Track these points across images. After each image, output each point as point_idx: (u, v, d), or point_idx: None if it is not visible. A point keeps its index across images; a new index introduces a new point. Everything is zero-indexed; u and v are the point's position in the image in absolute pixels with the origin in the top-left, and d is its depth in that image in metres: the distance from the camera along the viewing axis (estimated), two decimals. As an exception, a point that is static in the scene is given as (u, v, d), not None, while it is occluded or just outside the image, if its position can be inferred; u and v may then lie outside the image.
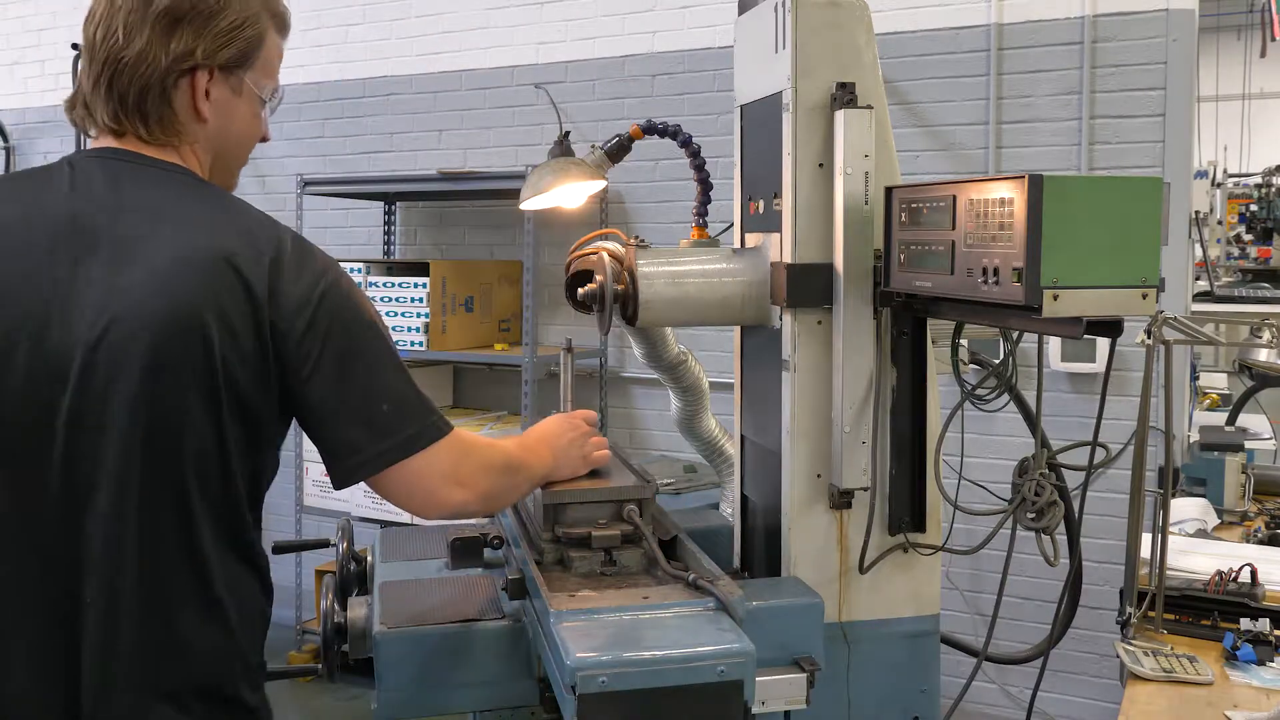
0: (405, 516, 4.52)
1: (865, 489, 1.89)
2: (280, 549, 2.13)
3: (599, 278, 2.01)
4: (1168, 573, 2.44)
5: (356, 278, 4.66)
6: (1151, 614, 2.42)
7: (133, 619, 1.41)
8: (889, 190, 1.84)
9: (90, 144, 1.55)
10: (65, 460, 1.39)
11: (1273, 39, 6.37)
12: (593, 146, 2.36)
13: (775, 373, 1.97)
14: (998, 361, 1.95)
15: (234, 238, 1.43)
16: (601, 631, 1.54)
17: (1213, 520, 3.18)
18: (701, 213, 2.30)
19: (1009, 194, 1.52)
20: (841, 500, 1.91)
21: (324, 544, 2.29)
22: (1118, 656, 2.30)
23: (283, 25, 1.61)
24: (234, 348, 1.40)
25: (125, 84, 1.47)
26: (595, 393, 4.84)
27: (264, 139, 1.66)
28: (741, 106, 2.15)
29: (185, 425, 1.40)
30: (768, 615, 1.71)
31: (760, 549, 2.14)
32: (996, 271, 1.55)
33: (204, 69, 1.49)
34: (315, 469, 4.83)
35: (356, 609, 1.81)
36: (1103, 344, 3.72)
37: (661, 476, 4.04)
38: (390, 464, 1.47)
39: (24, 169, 1.62)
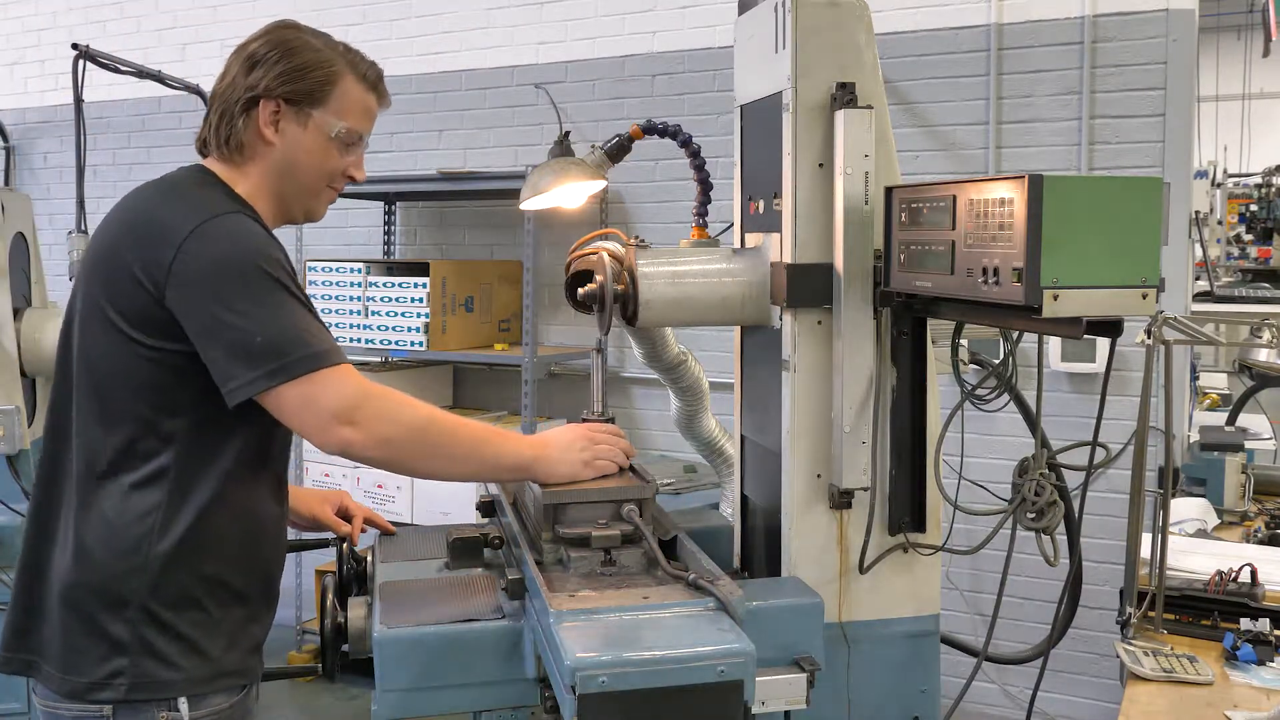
0: (405, 517, 4.52)
1: (865, 489, 1.89)
2: (280, 549, 2.13)
3: (599, 278, 2.01)
4: (1168, 573, 2.44)
5: (357, 277, 4.66)
6: (1151, 614, 2.42)
7: None
8: (889, 190, 1.83)
9: None
10: None
11: (1270, 39, 6.37)
12: (593, 146, 2.36)
13: (775, 373, 1.97)
14: (998, 361, 1.95)
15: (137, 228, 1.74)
16: (601, 631, 1.54)
17: (1213, 520, 3.18)
18: (701, 213, 2.30)
19: (1009, 194, 1.52)
20: (841, 500, 1.91)
21: (324, 544, 2.29)
22: (1118, 656, 2.30)
23: (365, 78, 1.89)
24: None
25: (216, 111, 1.84)
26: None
27: (352, 178, 1.91)
28: (741, 106, 2.15)
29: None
30: (768, 615, 1.71)
31: (760, 549, 2.14)
32: (996, 271, 1.55)
33: (269, 99, 1.79)
34: (315, 469, 4.83)
35: (356, 609, 1.81)
36: (1103, 344, 3.72)
37: (661, 476, 4.04)
38: (261, 390, 1.64)
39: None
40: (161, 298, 1.66)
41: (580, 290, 2.04)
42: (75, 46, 4.85)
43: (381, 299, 4.62)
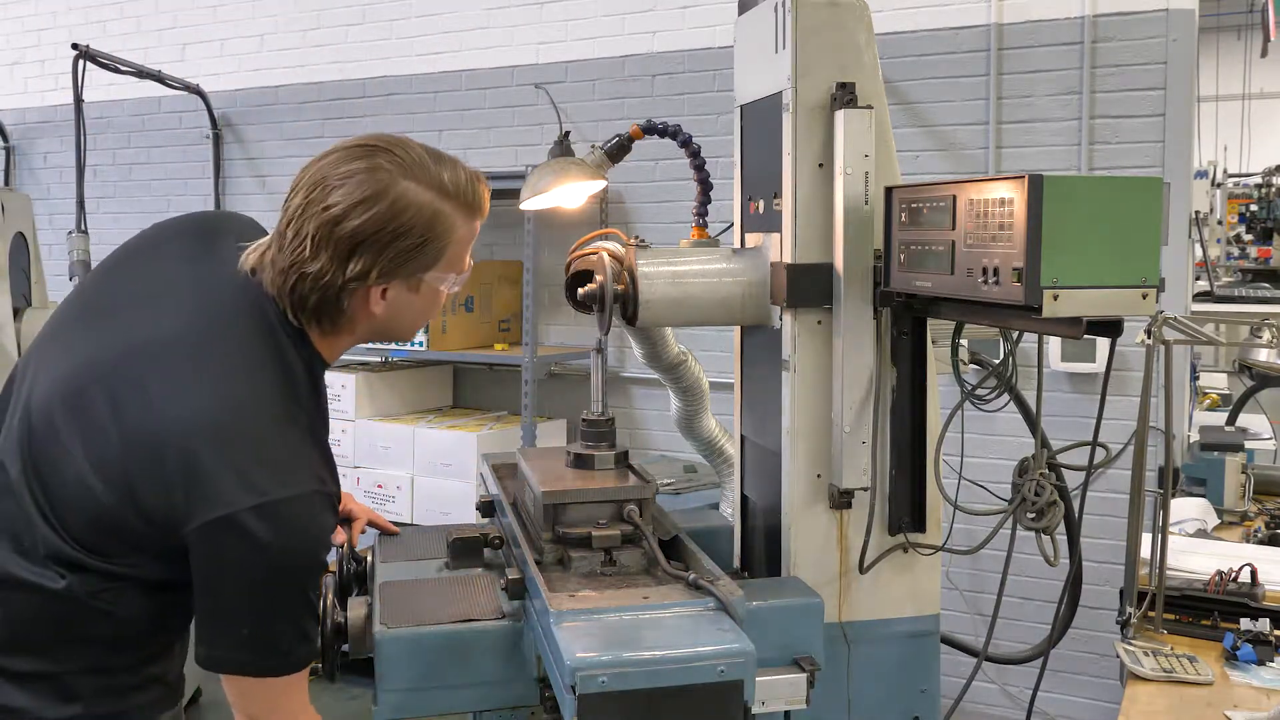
0: (405, 517, 4.53)
1: (865, 489, 1.89)
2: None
3: (599, 278, 2.01)
4: (1168, 573, 2.44)
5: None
6: (1151, 614, 2.42)
7: None
8: (889, 190, 1.84)
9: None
10: None
11: (1269, 39, 6.37)
12: (593, 146, 2.36)
13: (775, 373, 1.97)
14: (998, 361, 1.95)
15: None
16: (601, 631, 1.54)
17: (1213, 520, 3.18)
18: (701, 213, 2.30)
19: (1009, 194, 1.52)
20: (841, 500, 1.91)
21: (324, 544, 2.28)
22: (1118, 656, 2.30)
23: (473, 211, 1.60)
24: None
25: (306, 290, 1.51)
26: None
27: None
28: (741, 106, 2.15)
29: None
30: (768, 615, 1.71)
31: (760, 549, 2.14)
32: (996, 271, 1.55)
33: (380, 283, 1.53)
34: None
35: (356, 609, 1.81)
36: (1103, 344, 3.72)
37: (661, 476, 4.05)
38: (232, 672, 1.50)
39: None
40: (168, 538, 1.45)
41: (580, 290, 2.04)
42: (75, 46, 4.85)
43: (381, 299, 4.62)
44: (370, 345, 4.62)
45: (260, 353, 1.53)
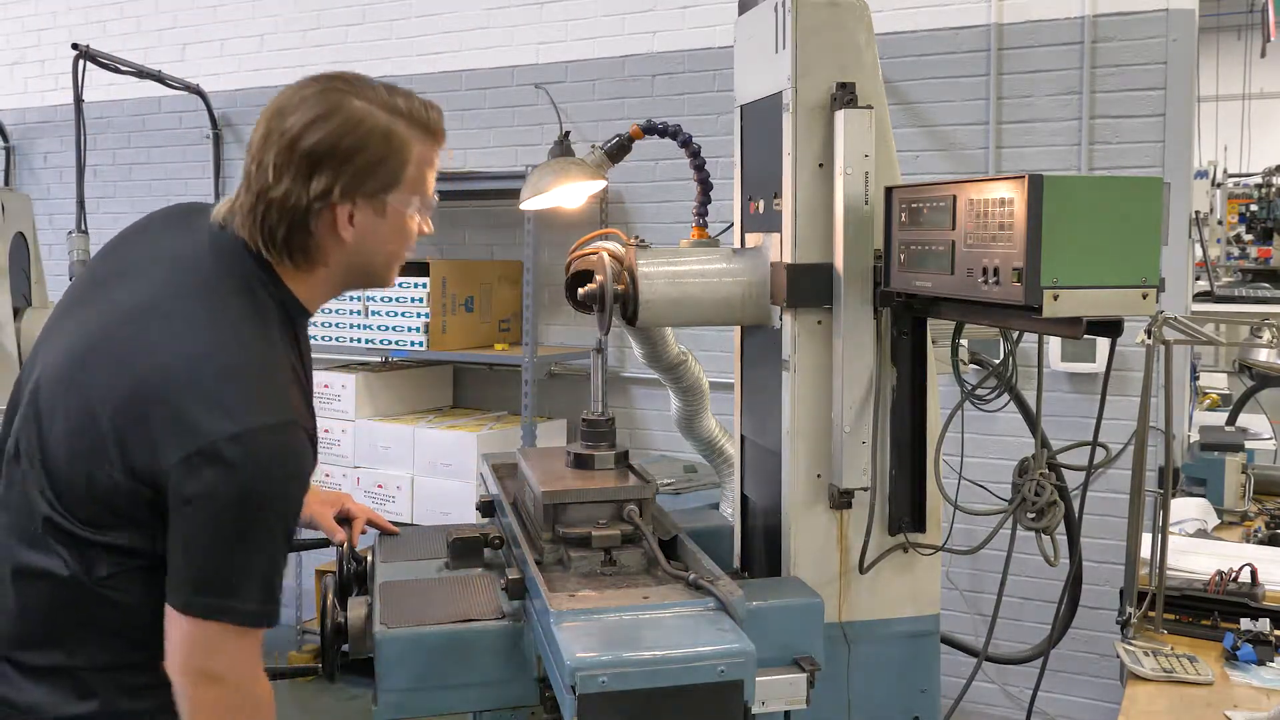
0: (405, 517, 4.53)
1: (865, 489, 1.89)
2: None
3: (599, 278, 2.01)
4: (1168, 573, 2.44)
5: (356, 278, 4.66)
6: (1151, 614, 2.42)
7: None
8: (889, 190, 1.84)
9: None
10: None
11: (1269, 39, 6.37)
12: (593, 146, 2.36)
13: (775, 373, 1.97)
14: (998, 361, 1.95)
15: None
16: (601, 631, 1.54)
17: (1213, 520, 3.18)
18: (701, 213, 2.30)
19: (1009, 194, 1.52)
20: (841, 500, 1.91)
21: (324, 544, 2.29)
22: (1118, 656, 2.30)
23: (431, 133, 1.63)
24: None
25: (274, 219, 1.56)
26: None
27: (422, 233, 1.69)
28: (741, 106, 2.15)
29: None
30: (768, 615, 1.71)
31: (760, 549, 2.14)
32: (996, 271, 1.55)
33: (344, 203, 1.56)
34: (316, 469, 4.83)
35: (356, 609, 1.81)
36: (1103, 344, 3.72)
37: (661, 476, 4.04)
38: (172, 606, 1.49)
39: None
40: (157, 494, 1.48)
41: (580, 290, 2.04)
42: (75, 46, 4.85)
43: (381, 298, 4.62)
44: (369, 344, 4.63)
45: (231, 297, 1.56)
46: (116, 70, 5.13)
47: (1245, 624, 2.36)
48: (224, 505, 1.45)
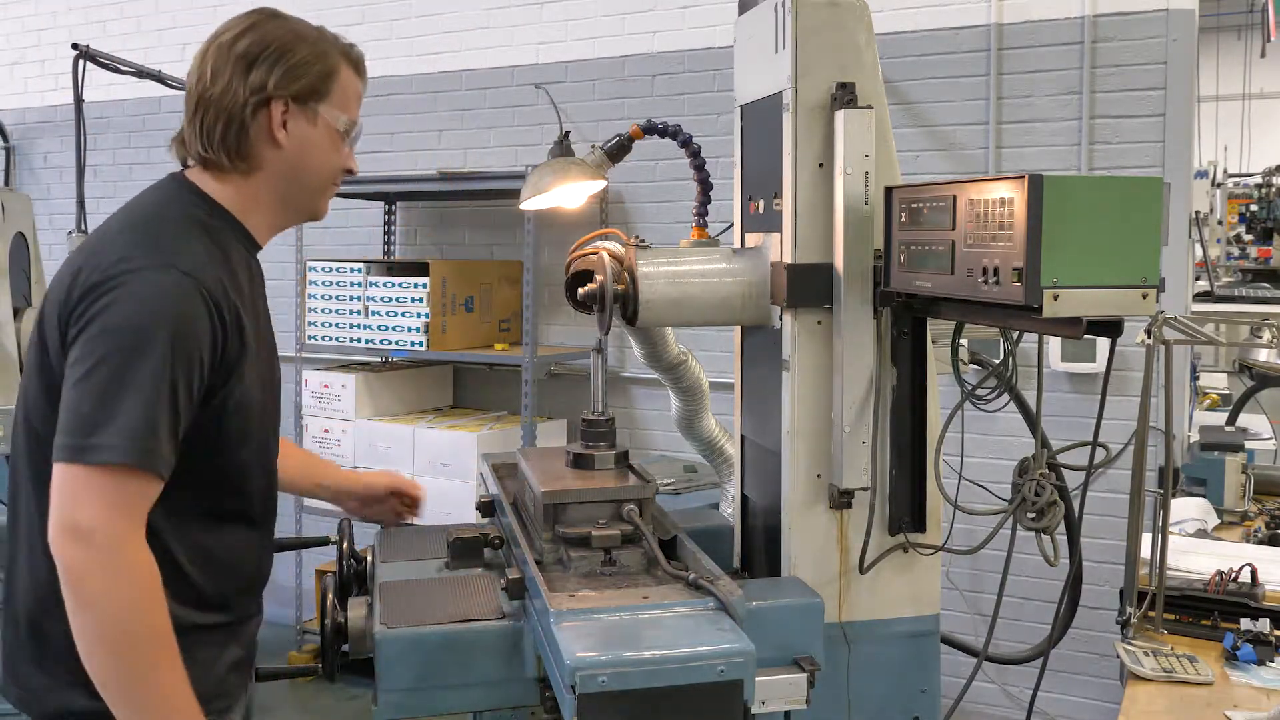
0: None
1: (865, 489, 1.89)
2: (280, 547, 2.13)
3: (599, 278, 2.00)
4: (1168, 573, 2.44)
5: (357, 277, 4.66)
6: (1151, 614, 2.42)
7: None
8: (889, 190, 1.83)
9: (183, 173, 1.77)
10: None
11: (1269, 39, 6.36)
12: (593, 146, 2.36)
13: (775, 373, 1.97)
14: (998, 361, 1.95)
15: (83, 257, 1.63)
16: (601, 631, 1.54)
17: (1213, 520, 3.18)
18: (701, 213, 2.30)
19: (1009, 194, 1.52)
20: (841, 500, 1.91)
21: (323, 542, 2.29)
22: (1118, 656, 2.30)
23: (356, 65, 1.80)
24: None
25: (212, 118, 1.68)
26: (595, 393, 4.83)
27: (350, 171, 1.81)
28: (741, 106, 2.15)
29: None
30: (768, 615, 1.71)
31: (760, 549, 2.14)
32: (996, 271, 1.55)
33: (278, 99, 1.68)
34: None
35: (356, 609, 1.81)
36: (1103, 344, 3.72)
37: (661, 476, 4.04)
38: (55, 459, 1.49)
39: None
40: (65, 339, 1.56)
41: (580, 290, 2.04)
42: (75, 46, 4.85)
43: (381, 299, 4.62)
44: (369, 344, 4.63)
45: (169, 218, 1.67)
46: (116, 70, 5.12)
47: (1245, 624, 2.36)
48: (92, 343, 1.51)
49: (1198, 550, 2.74)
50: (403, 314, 4.58)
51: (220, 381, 1.61)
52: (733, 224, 2.21)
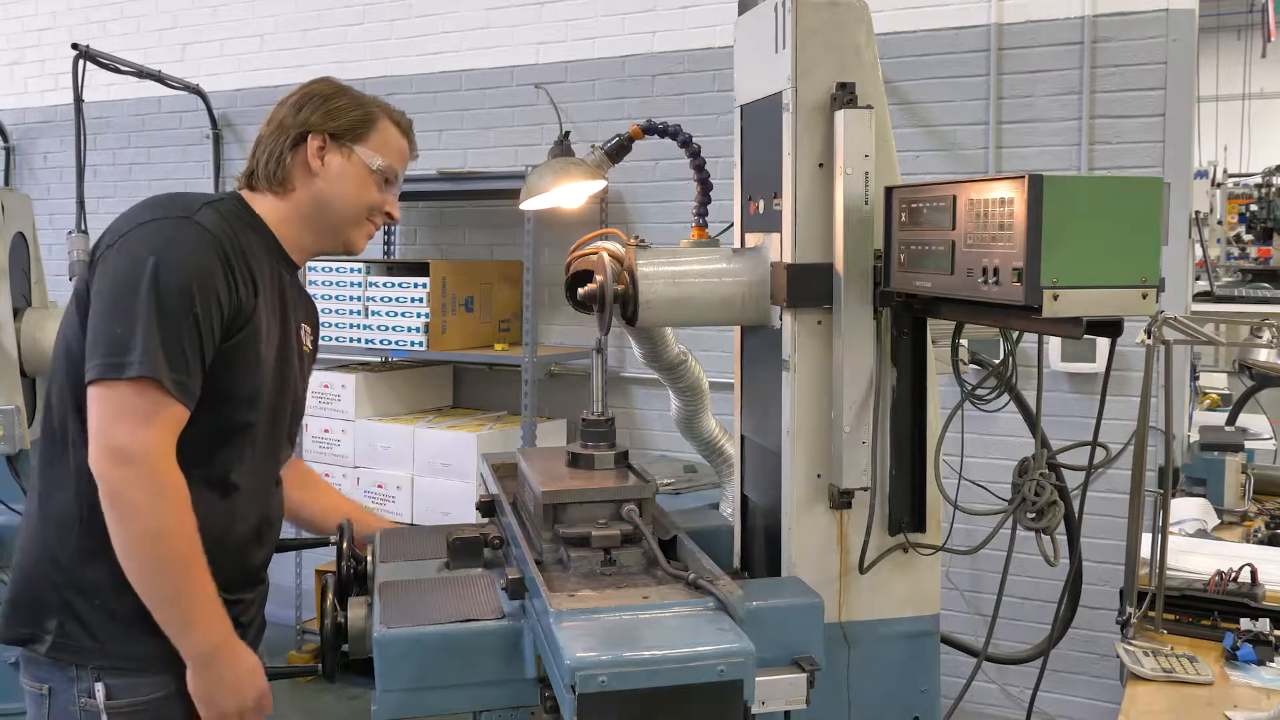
0: (405, 517, 4.53)
1: (865, 489, 1.89)
2: (280, 547, 2.13)
3: (599, 278, 2.01)
4: (1168, 573, 2.44)
5: (357, 277, 4.66)
6: (1151, 614, 2.42)
7: None
8: (889, 190, 1.83)
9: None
10: None
11: (1269, 39, 6.37)
12: (593, 146, 2.36)
13: (775, 373, 1.97)
14: (998, 361, 1.95)
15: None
16: (601, 631, 1.54)
17: (1213, 520, 3.18)
18: (701, 213, 2.30)
19: (1009, 194, 1.52)
20: (841, 500, 1.91)
21: (323, 543, 2.29)
22: (1118, 656, 2.30)
23: (399, 124, 2.02)
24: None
25: (263, 150, 1.96)
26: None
27: (391, 217, 2.02)
28: (741, 106, 2.15)
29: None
30: (768, 615, 1.71)
31: (760, 549, 2.14)
32: (996, 271, 1.55)
33: (317, 134, 1.92)
34: (316, 467, 4.83)
35: (356, 609, 1.81)
36: (1103, 344, 3.72)
37: (661, 476, 4.04)
38: (90, 380, 1.70)
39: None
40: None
41: (580, 290, 2.04)
42: (75, 46, 4.85)
43: (381, 299, 4.62)
44: (369, 344, 4.63)
45: (198, 194, 1.91)
46: (116, 70, 5.13)
47: (1245, 624, 2.36)
48: (116, 278, 1.72)
49: (1197, 550, 2.74)
50: (403, 314, 4.58)
51: (237, 327, 1.80)
52: (733, 224, 2.21)
